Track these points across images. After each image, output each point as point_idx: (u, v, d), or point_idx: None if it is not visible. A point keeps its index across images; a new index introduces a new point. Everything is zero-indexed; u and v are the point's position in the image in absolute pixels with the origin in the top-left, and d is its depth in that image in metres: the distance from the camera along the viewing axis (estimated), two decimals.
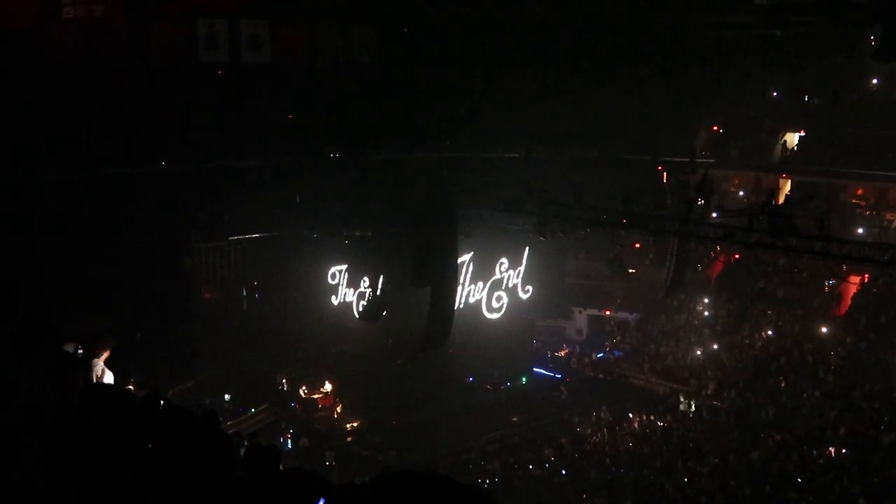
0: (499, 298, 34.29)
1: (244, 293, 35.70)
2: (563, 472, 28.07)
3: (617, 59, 33.49)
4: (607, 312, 40.93)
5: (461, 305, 31.81)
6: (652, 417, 31.92)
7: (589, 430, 31.46)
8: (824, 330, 33.53)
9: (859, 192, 38.01)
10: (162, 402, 5.91)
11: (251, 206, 32.71)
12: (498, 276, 34.13)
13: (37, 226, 25.36)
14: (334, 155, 33.99)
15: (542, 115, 32.93)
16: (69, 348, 7.27)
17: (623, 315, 40.57)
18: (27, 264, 21.77)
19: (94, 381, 7.14)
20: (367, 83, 32.29)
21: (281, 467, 5.50)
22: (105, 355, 7.74)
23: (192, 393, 29.45)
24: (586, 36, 32.95)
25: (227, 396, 31.88)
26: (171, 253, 31.28)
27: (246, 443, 7.71)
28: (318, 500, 3.91)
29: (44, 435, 2.79)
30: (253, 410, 32.06)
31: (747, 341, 34.99)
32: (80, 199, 27.03)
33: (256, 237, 34.29)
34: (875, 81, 37.78)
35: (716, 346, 35.54)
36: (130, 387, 8.48)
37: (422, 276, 28.11)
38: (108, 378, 7.54)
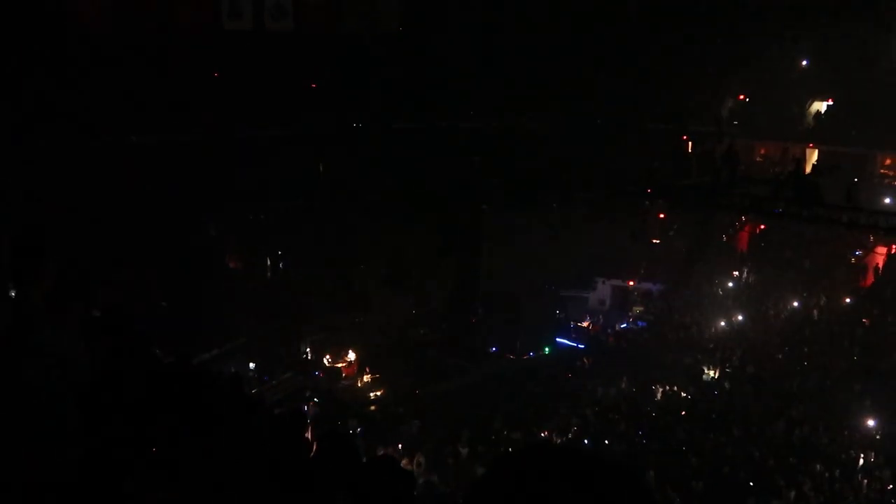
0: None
1: (268, 262, 35.86)
2: (586, 442, 28.12)
3: (641, 27, 33.14)
4: (631, 283, 40.79)
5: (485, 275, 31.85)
6: (675, 388, 31.87)
7: (612, 401, 31.46)
8: (850, 301, 33.30)
9: (887, 161, 37.58)
10: (189, 366, 5.94)
11: (275, 176, 32.73)
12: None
13: (56, 192, 25.49)
14: (358, 124, 33.90)
15: (566, 83, 32.68)
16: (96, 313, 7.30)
17: (647, 285, 40.43)
18: (58, 230, 21.89)
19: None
20: (391, 51, 32.12)
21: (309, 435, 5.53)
22: None
23: (217, 361, 29.67)
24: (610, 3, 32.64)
25: (251, 365, 32.10)
26: (196, 222, 31.43)
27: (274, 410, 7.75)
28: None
29: (77, 394, 2.81)
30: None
31: (772, 312, 34.82)
32: (102, 168, 27.14)
33: (280, 206, 34.35)
34: None
35: (741, 317, 35.39)
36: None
37: (446, 245, 28.15)
38: None
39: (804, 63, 39.81)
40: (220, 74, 29.13)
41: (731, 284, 37.66)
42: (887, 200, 33.82)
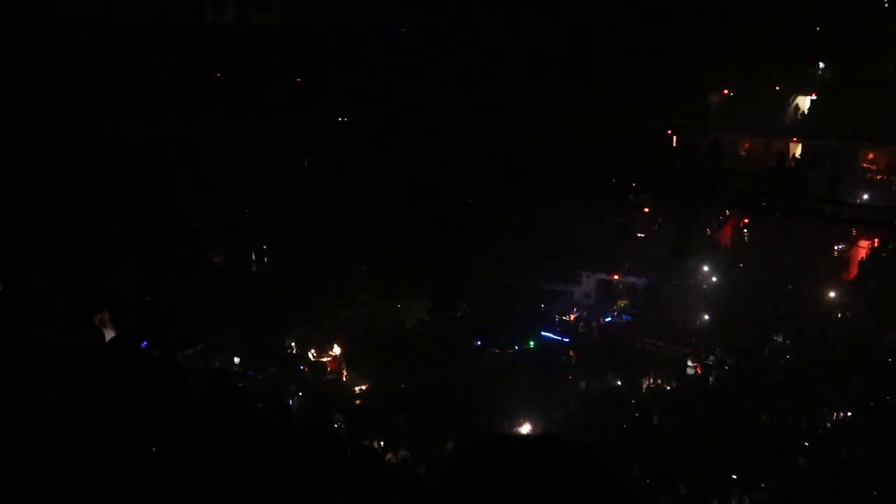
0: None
1: (253, 257, 35.75)
2: (570, 435, 28.17)
3: (627, 20, 33.18)
4: (616, 276, 40.87)
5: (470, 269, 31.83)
6: (660, 381, 31.99)
7: (596, 395, 31.54)
8: (833, 294, 33.46)
9: (870, 155, 37.78)
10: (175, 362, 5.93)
11: (259, 170, 32.62)
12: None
13: (43, 188, 25.34)
14: (343, 119, 33.82)
15: (553, 78, 32.68)
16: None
17: (631, 279, 40.51)
18: (37, 225, 21.78)
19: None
20: (377, 45, 32.04)
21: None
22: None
23: (202, 356, 29.59)
24: None
25: (236, 359, 32.02)
26: (179, 216, 31.29)
27: (259, 404, 7.75)
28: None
29: (63, 384, 2.81)
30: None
31: (756, 305, 34.96)
32: (85, 163, 27.02)
33: (265, 199, 34.26)
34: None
35: (724, 311, 35.53)
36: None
37: (432, 239, 28.14)
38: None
39: (787, 58, 39.93)
40: (204, 68, 28.99)
41: (714, 278, 37.79)
42: (869, 195, 33.99)
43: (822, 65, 39.28)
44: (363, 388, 32.50)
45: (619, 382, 32.28)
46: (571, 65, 32.89)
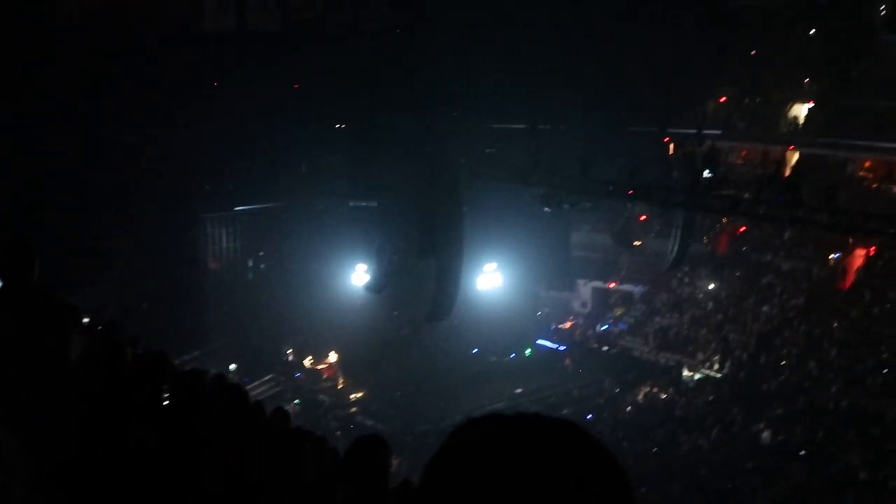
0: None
1: (249, 263, 35.71)
2: None
3: (624, 28, 33.19)
4: (612, 285, 40.86)
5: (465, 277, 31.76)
6: (655, 389, 31.99)
7: (592, 403, 31.54)
8: (829, 303, 33.43)
9: (867, 164, 37.73)
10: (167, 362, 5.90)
11: (256, 176, 32.60)
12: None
13: (41, 191, 25.33)
14: (340, 125, 33.80)
15: (549, 85, 32.68)
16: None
17: (628, 287, 40.50)
18: (34, 228, 21.71)
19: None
20: (375, 51, 32.03)
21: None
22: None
23: (198, 363, 29.48)
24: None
25: (232, 366, 31.93)
26: (176, 222, 31.26)
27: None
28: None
29: (52, 391, 2.80)
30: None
31: (751, 314, 34.95)
32: (84, 165, 27.04)
33: (262, 207, 34.24)
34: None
35: (720, 319, 35.53)
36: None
37: (427, 247, 28.13)
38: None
39: (783, 66, 39.94)
40: (201, 74, 29.00)
41: (711, 286, 37.76)
42: (866, 203, 33.91)
43: (817, 73, 39.22)
44: (359, 395, 32.46)
45: (615, 390, 32.27)
46: (569, 75, 32.89)
